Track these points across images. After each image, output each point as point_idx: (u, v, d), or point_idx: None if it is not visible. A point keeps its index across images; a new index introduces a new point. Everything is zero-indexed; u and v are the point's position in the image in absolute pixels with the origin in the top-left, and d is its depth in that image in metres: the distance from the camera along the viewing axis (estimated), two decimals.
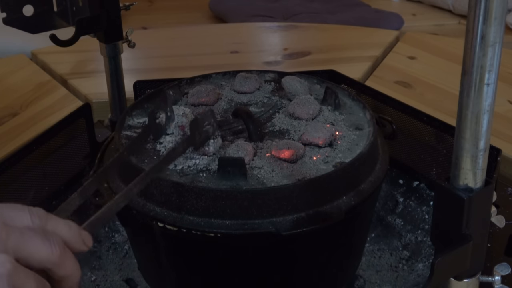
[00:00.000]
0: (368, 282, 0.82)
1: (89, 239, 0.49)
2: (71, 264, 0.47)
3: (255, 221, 0.64)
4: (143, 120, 0.79)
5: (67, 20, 0.94)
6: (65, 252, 0.46)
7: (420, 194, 0.93)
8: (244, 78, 0.86)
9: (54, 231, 0.46)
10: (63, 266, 0.46)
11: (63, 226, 0.47)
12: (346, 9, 2.37)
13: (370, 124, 0.76)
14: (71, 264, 0.47)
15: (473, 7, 0.52)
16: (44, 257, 0.44)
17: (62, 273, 0.46)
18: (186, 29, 1.83)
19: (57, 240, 0.46)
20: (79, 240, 0.48)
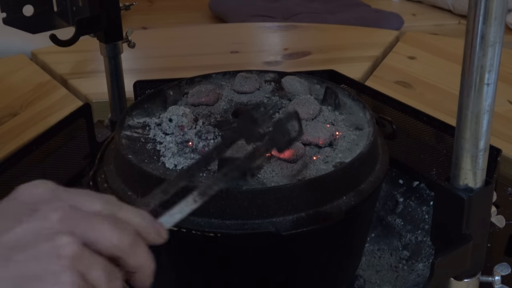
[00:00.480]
0: (368, 282, 0.82)
1: (164, 230, 0.47)
2: (143, 255, 0.45)
3: (255, 221, 0.64)
4: (143, 120, 0.79)
5: (67, 20, 0.94)
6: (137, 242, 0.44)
7: (420, 194, 0.93)
8: (244, 78, 0.86)
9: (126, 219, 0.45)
10: (134, 256, 0.44)
11: (136, 216, 0.46)
12: (346, 9, 2.36)
13: (370, 124, 0.76)
14: (143, 254, 0.45)
15: (473, 7, 0.52)
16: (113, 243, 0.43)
17: (133, 263, 0.44)
18: (186, 29, 1.83)
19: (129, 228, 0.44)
20: (154, 230, 0.46)
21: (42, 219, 0.41)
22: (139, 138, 0.75)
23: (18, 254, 0.39)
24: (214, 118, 0.79)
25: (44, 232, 0.40)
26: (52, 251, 0.40)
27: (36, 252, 0.39)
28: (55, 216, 0.41)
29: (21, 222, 0.40)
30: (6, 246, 0.40)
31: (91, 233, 0.42)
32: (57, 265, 0.39)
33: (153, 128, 0.76)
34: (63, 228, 0.41)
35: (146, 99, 0.83)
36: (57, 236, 0.40)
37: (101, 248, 0.42)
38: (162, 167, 0.70)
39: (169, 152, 0.71)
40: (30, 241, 0.40)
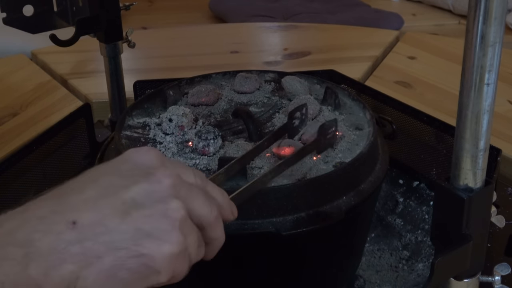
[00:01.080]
0: (368, 282, 0.82)
1: (235, 210, 0.51)
2: (220, 229, 0.49)
3: (255, 221, 0.64)
4: (143, 120, 0.79)
5: (67, 20, 0.94)
6: (219, 216, 0.48)
7: (420, 194, 0.93)
8: (244, 78, 0.86)
9: (212, 194, 0.49)
10: (215, 229, 0.48)
11: (219, 192, 0.50)
12: (346, 9, 2.37)
13: (370, 124, 0.76)
14: (221, 228, 0.49)
15: (473, 7, 0.52)
16: (205, 214, 0.46)
17: (212, 235, 0.48)
18: (186, 29, 1.83)
19: (215, 202, 0.48)
20: (229, 208, 0.50)
21: (156, 182, 0.44)
22: (139, 138, 0.75)
23: (134, 211, 0.43)
24: (214, 118, 0.79)
25: (158, 194, 0.44)
26: (164, 212, 0.43)
27: (151, 211, 0.43)
28: (167, 182, 0.44)
29: (137, 182, 0.44)
30: (124, 202, 0.43)
31: (191, 202, 0.46)
32: (168, 224, 0.43)
33: (153, 128, 0.76)
34: (173, 193, 0.44)
35: (146, 99, 0.83)
36: (169, 199, 0.44)
37: (196, 217, 0.46)
38: None
39: (169, 152, 0.71)
40: (145, 201, 0.43)
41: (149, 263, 0.42)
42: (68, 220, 0.41)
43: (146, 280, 0.43)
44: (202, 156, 0.70)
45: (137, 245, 0.42)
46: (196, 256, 0.47)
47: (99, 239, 0.41)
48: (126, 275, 0.42)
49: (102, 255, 0.41)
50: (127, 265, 0.42)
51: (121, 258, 0.41)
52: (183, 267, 0.45)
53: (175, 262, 0.43)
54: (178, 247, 0.43)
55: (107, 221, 0.42)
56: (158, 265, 0.43)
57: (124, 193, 0.43)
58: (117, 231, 0.42)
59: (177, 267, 0.44)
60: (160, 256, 0.42)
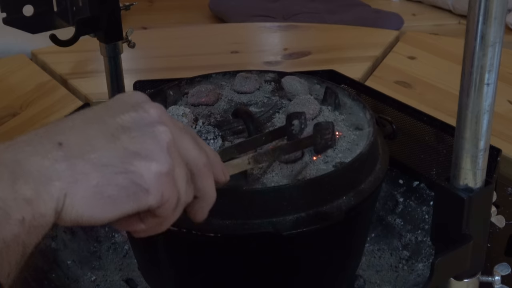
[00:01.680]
0: (368, 282, 0.82)
1: (227, 173, 0.52)
2: (211, 181, 0.49)
3: (255, 221, 0.64)
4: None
5: (67, 20, 0.94)
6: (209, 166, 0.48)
7: (420, 194, 0.93)
8: (244, 78, 0.86)
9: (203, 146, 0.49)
10: (205, 179, 0.48)
11: (209, 148, 0.50)
12: (346, 9, 2.36)
13: (370, 124, 0.76)
14: (211, 182, 0.49)
15: (473, 7, 0.52)
16: (193, 155, 0.47)
17: (201, 186, 0.48)
18: (186, 29, 1.83)
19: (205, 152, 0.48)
20: (221, 168, 0.51)
21: (143, 112, 0.45)
22: None
23: (122, 133, 0.44)
24: (214, 118, 0.79)
25: (146, 120, 0.45)
26: (152, 135, 0.44)
27: (139, 133, 0.44)
28: (155, 112, 0.46)
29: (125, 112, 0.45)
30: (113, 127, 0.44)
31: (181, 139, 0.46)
32: (156, 145, 0.44)
33: None
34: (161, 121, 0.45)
35: None
36: (156, 124, 0.45)
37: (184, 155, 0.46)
38: None
39: None
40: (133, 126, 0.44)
41: (137, 180, 0.42)
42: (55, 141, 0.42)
43: (135, 198, 0.43)
44: None
45: (124, 162, 0.42)
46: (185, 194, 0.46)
47: (86, 156, 0.42)
48: (114, 192, 0.42)
49: (89, 171, 0.41)
50: (115, 181, 0.42)
51: (109, 175, 0.42)
52: (171, 192, 0.44)
53: (163, 182, 0.43)
54: (166, 167, 0.43)
55: (94, 141, 0.42)
56: (147, 183, 0.43)
57: (112, 120, 0.44)
58: (104, 149, 0.42)
59: (165, 189, 0.44)
60: (148, 173, 0.43)
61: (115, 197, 0.42)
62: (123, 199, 0.42)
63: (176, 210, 0.46)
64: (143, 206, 0.43)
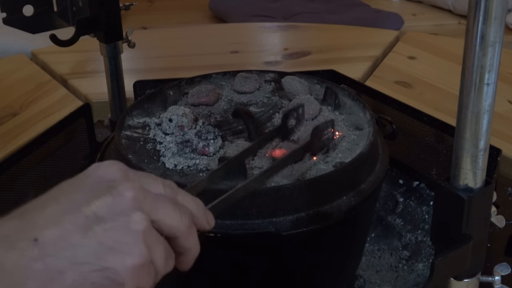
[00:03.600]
0: (368, 282, 0.82)
1: (212, 219, 0.51)
2: (195, 239, 0.49)
3: (255, 221, 0.64)
4: (143, 120, 0.79)
5: (67, 20, 0.94)
6: (192, 225, 0.48)
7: (420, 194, 0.93)
8: (244, 78, 0.86)
9: (183, 203, 0.48)
10: (188, 238, 0.48)
11: (192, 201, 0.50)
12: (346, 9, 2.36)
13: (370, 124, 0.76)
14: (195, 238, 0.49)
15: (473, 7, 0.52)
16: (175, 224, 0.46)
17: (186, 245, 0.48)
18: (186, 29, 1.83)
19: (187, 211, 0.48)
20: (204, 218, 0.50)
21: (118, 196, 0.44)
22: (139, 138, 0.75)
23: (96, 225, 0.43)
24: (214, 118, 0.79)
25: (120, 207, 0.44)
26: (126, 225, 0.43)
27: (113, 224, 0.43)
28: (129, 194, 0.44)
29: (99, 197, 0.44)
30: (86, 217, 0.43)
31: (158, 212, 0.45)
32: (130, 237, 0.43)
33: (153, 128, 0.76)
34: (135, 206, 0.44)
35: (146, 99, 0.83)
36: (131, 212, 0.44)
37: (164, 227, 0.46)
38: (162, 167, 0.70)
39: (169, 152, 0.71)
40: (107, 215, 0.43)
41: (112, 276, 0.42)
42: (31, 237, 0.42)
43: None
44: (202, 156, 0.70)
45: (99, 259, 0.42)
46: (165, 268, 0.47)
47: (61, 254, 0.41)
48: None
49: (64, 270, 0.41)
50: (91, 279, 0.42)
51: (84, 273, 0.42)
52: (148, 279, 0.45)
53: (139, 274, 0.44)
54: (141, 260, 0.43)
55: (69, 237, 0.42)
56: (122, 278, 0.43)
57: (86, 208, 0.43)
58: (79, 246, 0.42)
59: (141, 279, 0.44)
60: (123, 269, 0.43)
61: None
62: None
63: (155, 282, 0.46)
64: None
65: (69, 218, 0.43)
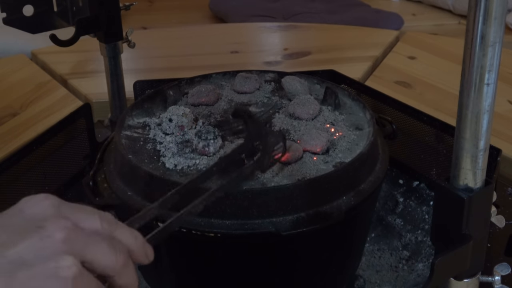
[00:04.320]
0: (368, 282, 0.82)
1: (151, 252, 0.49)
2: (132, 274, 0.46)
3: (255, 221, 0.64)
4: (143, 120, 0.79)
5: (67, 20, 0.94)
6: (128, 262, 0.46)
7: (420, 194, 0.93)
8: (244, 78, 0.86)
9: (120, 239, 0.46)
10: (124, 275, 0.46)
11: (130, 236, 0.47)
12: (346, 9, 2.36)
13: (370, 124, 0.76)
14: (132, 274, 0.46)
15: (473, 7, 0.52)
16: (109, 264, 0.44)
17: (122, 282, 0.46)
18: (186, 29, 1.83)
19: (123, 249, 0.46)
20: (143, 252, 0.48)
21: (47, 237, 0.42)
22: (139, 138, 0.75)
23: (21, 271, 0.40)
24: (214, 118, 0.79)
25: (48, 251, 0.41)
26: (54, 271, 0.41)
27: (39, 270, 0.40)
28: (59, 236, 0.42)
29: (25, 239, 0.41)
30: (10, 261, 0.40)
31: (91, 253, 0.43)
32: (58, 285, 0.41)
33: (153, 128, 0.76)
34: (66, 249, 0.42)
35: (146, 99, 0.83)
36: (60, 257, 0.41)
37: (97, 268, 0.44)
38: (162, 167, 0.70)
39: (169, 152, 0.71)
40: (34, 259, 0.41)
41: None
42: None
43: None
44: (202, 156, 0.70)
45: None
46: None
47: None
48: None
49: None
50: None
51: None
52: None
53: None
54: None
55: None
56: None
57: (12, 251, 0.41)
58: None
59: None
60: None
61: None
62: None
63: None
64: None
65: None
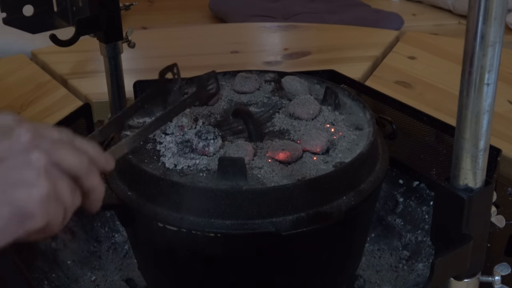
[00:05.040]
0: (368, 282, 0.82)
1: (111, 161, 0.54)
2: (96, 178, 0.51)
3: (255, 221, 0.64)
4: (143, 120, 0.79)
5: (67, 20, 0.94)
6: (92, 165, 0.50)
7: (420, 194, 0.93)
8: (244, 78, 0.86)
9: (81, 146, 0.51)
10: (90, 178, 0.50)
11: (88, 145, 0.52)
12: (346, 9, 2.36)
13: (370, 124, 0.76)
14: (97, 177, 0.51)
15: (473, 7, 0.52)
16: (74, 163, 0.48)
17: (89, 185, 0.50)
18: (186, 29, 1.83)
19: (85, 152, 0.50)
20: (103, 159, 0.53)
21: (15, 139, 0.46)
22: None
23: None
24: (214, 118, 0.79)
25: (19, 147, 0.46)
26: (27, 161, 0.46)
27: (13, 163, 0.45)
28: (26, 137, 0.46)
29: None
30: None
31: (57, 153, 0.47)
32: (32, 172, 0.45)
33: None
34: (33, 146, 0.46)
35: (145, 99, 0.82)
36: (29, 151, 0.46)
37: (64, 168, 0.48)
38: (162, 167, 0.70)
39: (169, 152, 0.71)
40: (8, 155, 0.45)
41: (21, 208, 0.44)
42: None
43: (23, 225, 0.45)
44: (202, 156, 0.70)
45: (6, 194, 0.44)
46: (72, 203, 0.48)
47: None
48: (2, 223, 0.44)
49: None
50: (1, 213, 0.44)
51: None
52: (57, 211, 0.46)
53: (47, 206, 0.45)
54: (46, 190, 0.45)
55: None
56: (30, 209, 0.44)
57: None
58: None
59: (50, 211, 0.46)
60: (30, 200, 0.45)
61: (3, 228, 0.44)
62: (12, 228, 0.44)
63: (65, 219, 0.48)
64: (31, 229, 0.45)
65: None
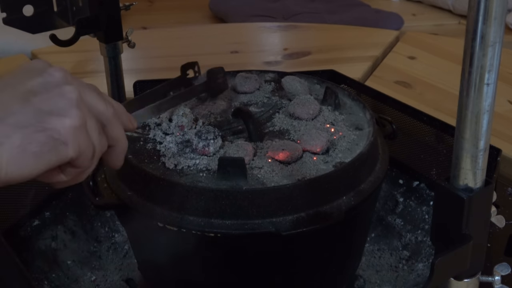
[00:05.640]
0: (368, 282, 0.82)
1: (134, 120, 0.57)
2: (120, 129, 0.54)
3: (255, 221, 0.64)
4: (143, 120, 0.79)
5: (67, 20, 0.94)
6: (117, 117, 0.53)
7: (420, 194, 0.93)
8: (244, 78, 0.86)
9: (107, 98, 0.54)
10: (115, 127, 0.53)
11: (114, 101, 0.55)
12: (346, 9, 2.36)
13: (370, 124, 0.76)
14: (121, 129, 0.54)
15: (473, 7, 0.52)
16: (101, 109, 0.51)
17: (113, 134, 0.53)
18: (186, 29, 1.83)
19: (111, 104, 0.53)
20: (127, 116, 0.56)
21: (49, 76, 0.49)
22: (139, 138, 0.75)
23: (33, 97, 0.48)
24: (214, 118, 0.79)
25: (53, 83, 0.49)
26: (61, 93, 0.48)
27: (48, 95, 0.48)
28: (59, 74, 0.50)
29: (32, 78, 0.49)
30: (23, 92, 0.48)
31: (87, 94, 0.51)
32: (65, 103, 0.48)
33: (153, 128, 0.76)
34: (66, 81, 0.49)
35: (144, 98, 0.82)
36: (63, 84, 0.49)
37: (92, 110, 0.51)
38: (162, 167, 0.70)
39: (169, 152, 0.71)
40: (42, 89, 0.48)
41: (54, 135, 0.47)
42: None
43: (56, 152, 0.47)
44: (202, 156, 0.70)
45: (41, 122, 0.47)
46: (99, 144, 0.51)
47: (5, 121, 0.46)
48: (36, 148, 0.46)
49: (10, 134, 0.46)
50: (36, 139, 0.46)
51: (29, 134, 0.46)
52: (87, 143, 0.49)
53: (78, 134, 0.48)
54: (78, 120, 0.48)
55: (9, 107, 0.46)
56: (64, 137, 0.47)
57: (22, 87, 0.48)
58: (20, 113, 0.46)
59: (81, 140, 0.48)
60: (63, 128, 0.47)
61: (38, 153, 0.46)
62: (46, 154, 0.47)
63: (94, 159, 0.51)
64: (64, 158, 0.48)
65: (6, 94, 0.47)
